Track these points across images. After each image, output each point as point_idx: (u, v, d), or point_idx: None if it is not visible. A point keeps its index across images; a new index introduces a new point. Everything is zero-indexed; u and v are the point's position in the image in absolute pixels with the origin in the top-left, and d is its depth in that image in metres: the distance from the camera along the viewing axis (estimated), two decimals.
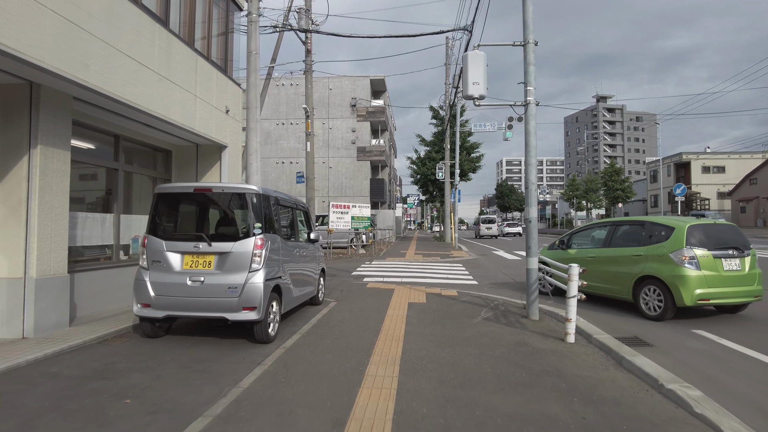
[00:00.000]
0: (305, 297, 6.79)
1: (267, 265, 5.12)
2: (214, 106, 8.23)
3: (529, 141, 6.72)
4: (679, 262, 6.48)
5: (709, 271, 6.46)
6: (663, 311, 6.58)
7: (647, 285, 6.83)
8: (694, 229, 6.73)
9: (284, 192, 6.79)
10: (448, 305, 7.56)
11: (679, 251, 6.53)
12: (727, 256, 6.64)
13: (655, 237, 6.99)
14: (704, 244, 6.61)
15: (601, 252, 7.84)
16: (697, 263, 6.44)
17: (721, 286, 6.51)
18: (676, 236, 6.68)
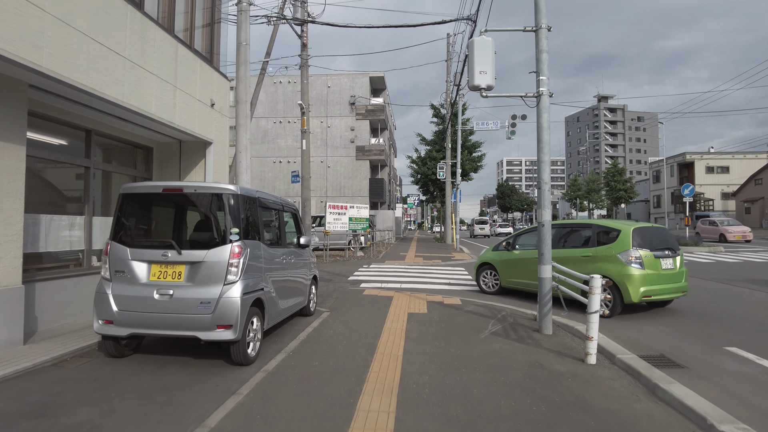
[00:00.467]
0: (294, 309, 6.14)
1: (246, 275, 4.48)
2: (197, 98, 7.59)
3: (542, 136, 6.08)
4: (626, 262, 6.97)
5: (651, 270, 7.04)
6: (612, 308, 6.95)
7: None
8: (638, 231, 7.29)
9: (270, 192, 6.17)
10: (452, 316, 6.92)
11: (627, 252, 7.02)
12: (664, 256, 7.30)
13: (604, 239, 7.46)
14: (646, 246, 7.18)
15: None
16: (641, 263, 6.98)
17: (661, 283, 7.13)
18: (623, 238, 7.17)
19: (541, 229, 6.03)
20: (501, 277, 9.11)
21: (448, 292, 9.39)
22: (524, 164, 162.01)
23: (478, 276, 9.63)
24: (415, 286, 10.28)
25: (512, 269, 8.85)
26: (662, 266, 7.20)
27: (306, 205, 14.72)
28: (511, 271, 8.88)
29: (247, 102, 9.65)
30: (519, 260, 8.67)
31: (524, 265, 8.48)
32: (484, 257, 9.68)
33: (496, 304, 7.91)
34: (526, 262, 8.37)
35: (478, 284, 9.60)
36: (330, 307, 7.60)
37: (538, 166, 6.12)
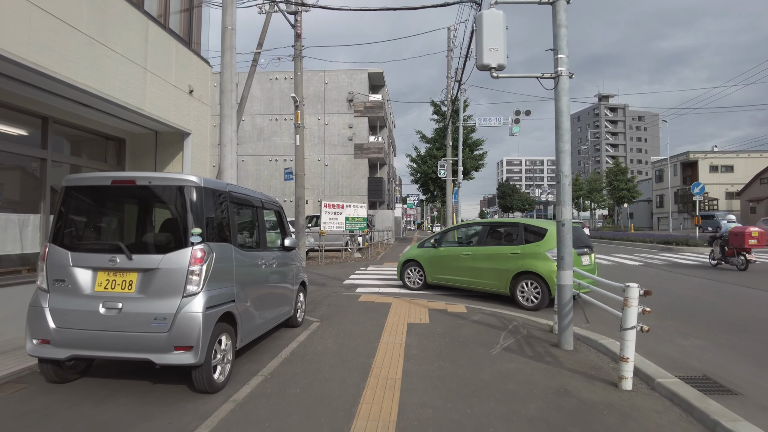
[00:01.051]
0: (277, 320, 5.37)
1: (211, 285, 3.70)
2: (172, 84, 6.81)
3: (561, 122, 5.30)
4: (552, 258, 7.15)
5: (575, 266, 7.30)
6: (540, 302, 7.42)
7: (524, 280, 7.63)
8: None
9: (266, 192, 5.39)
10: (457, 327, 6.14)
11: (554, 249, 6.94)
12: (584, 253, 7.78)
13: (532, 237, 7.83)
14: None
15: (477, 250, 8.39)
16: None
17: (581, 278, 7.45)
18: (550, 236, 7.48)
19: (560, 229, 5.25)
20: (427, 273, 9.28)
21: (451, 298, 8.61)
22: (524, 164, 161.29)
23: (402, 272, 9.68)
24: (416, 291, 9.49)
25: (438, 265, 9.06)
26: (583, 262, 7.66)
27: (300, 203, 13.94)
28: (437, 268, 9.09)
29: (233, 91, 8.88)
30: (445, 257, 8.95)
31: (450, 261, 8.82)
32: (409, 254, 9.76)
33: (504, 313, 7.13)
34: (452, 258, 8.78)
35: (402, 280, 9.70)
36: (321, 317, 6.82)
37: (557, 156, 5.33)
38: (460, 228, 9.84)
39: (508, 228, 8.59)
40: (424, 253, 9.42)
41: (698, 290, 9.45)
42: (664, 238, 22.26)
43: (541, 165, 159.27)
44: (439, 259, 9.06)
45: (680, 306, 7.78)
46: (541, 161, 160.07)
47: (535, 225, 8.06)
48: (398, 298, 8.38)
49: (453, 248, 9.02)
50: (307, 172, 29.94)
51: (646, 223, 57.16)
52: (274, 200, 5.63)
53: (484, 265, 8.19)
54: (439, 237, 9.49)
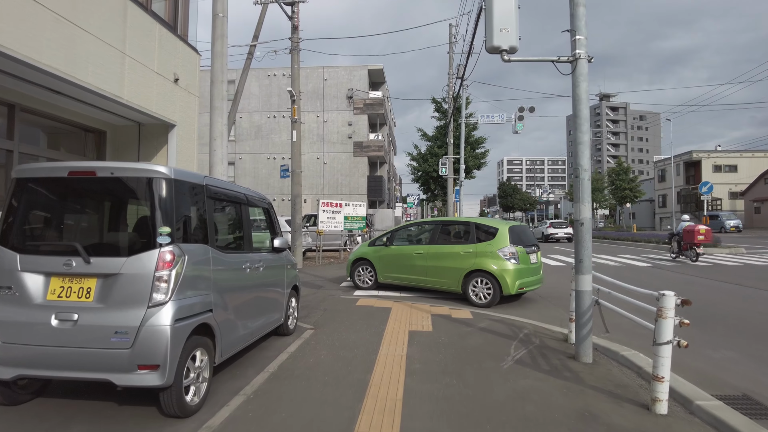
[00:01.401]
0: (265, 329, 4.85)
1: (183, 293, 3.19)
2: (155, 71, 6.30)
3: (580, 110, 4.79)
4: (504, 257, 7.57)
5: (524, 264, 7.77)
6: (491, 299, 7.58)
7: (476, 277, 7.75)
8: (512, 229, 8.00)
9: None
10: (463, 336, 5.63)
11: (505, 248, 7.64)
12: (531, 251, 8.13)
13: (483, 236, 7.97)
14: (519, 242, 7.92)
15: (429, 248, 8.41)
16: (517, 258, 7.66)
17: (530, 275, 7.94)
18: (501, 235, 7.77)
19: (579, 229, 4.73)
20: (378, 272, 9.13)
21: (455, 302, 8.10)
22: (525, 164, 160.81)
23: (352, 271, 9.54)
24: (416, 294, 8.97)
25: (390, 264, 8.95)
26: (531, 260, 8.02)
27: (296, 202, 13.44)
28: (388, 266, 8.98)
29: (224, 82, 8.40)
30: (397, 255, 8.86)
31: (402, 260, 8.74)
32: (359, 252, 9.61)
33: (514, 319, 6.62)
34: (404, 257, 8.71)
35: (352, 280, 9.57)
36: (315, 323, 6.31)
37: (575, 148, 4.82)
38: (411, 226, 9.79)
39: (460, 227, 8.71)
40: (375, 251, 9.24)
41: (717, 294, 8.94)
42: None
43: (541, 165, 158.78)
44: (391, 257, 8.96)
45: (702, 312, 7.26)
46: (541, 161, 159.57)
47: (486, 224, 8.26)
48: (398, 302, 7.87)
49: (405, 247, 8.97)
50: (305, 171, 29.42)
51: (648, 223, 56.67)
52: (262, 197, 5.11)
53: (436, 263, 8.24)
54: (391, 235, 9.33)
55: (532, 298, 8.71)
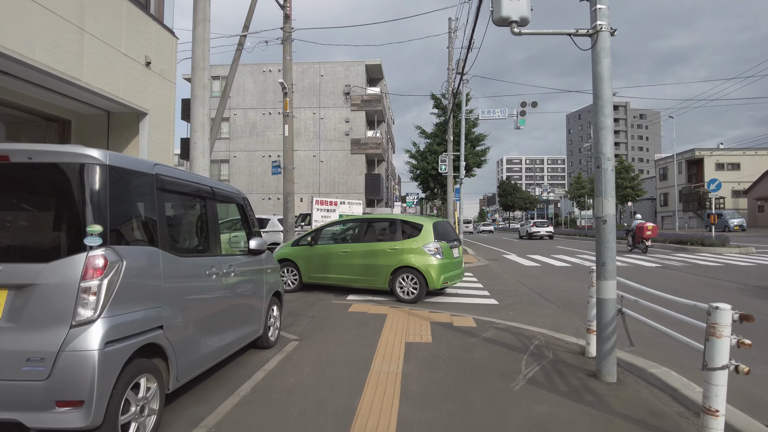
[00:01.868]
0: (238, 344, 4.21)
1: (119, 307, 2.56)
2: (122, 52, 5.65)
3: (602, 90, 4.15)
4: (430, 252, 7.72)
5: (447, 258, 8.00)
6: (418, 295, 7.70)
7: (403, 274, 7.82)
8: (435, 225, 8.15)
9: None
10: (467, 348, 4.99)
11: (430, 244, 7.78)
12: (454, 246, 8.45)
13: (408, 233, 8.06)
14: (443, 237, 8.13)
15: (355, 247, 8.38)
16: (441, 253, 7.82)
17: (453, 270, 8.21)
18: (426, 232, 7.91)
19: (601, 228, 4.10)
20: (302, 272, 8.89)
21: (456, 308, 7.47)
22: (524, 163, 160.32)
23: None
24: None
25: (315, 264, 8.78)
26: (454, 255, 8.32)
27: (289, 200, 12.80)
28: (313, 266, 8.81)
29: (205, 69, 7.79)
30: (322, 255, 8.71)
31: (327, 259, 8.61)
32: (281, 253, 9.27)
33: (521, 327, 5.98)
34: (329, 256, 8.57)
35: None
36: (301, 333, 5.67)
37: (597, 134, 4.18)
38: (336, 225, 9.65)
39: (385, 224, 8.75)
40: (298, 251, 9.02)
41: (741, 299, 8.32)
42: (677, 238, 21.17)
43: (541, 164, 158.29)
44: (316, 257, 8.79)
45: None
46: (541, 160, 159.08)
47: (411, 221, 8.34)
48: (395, 308, 7.22)
49: (330, 246, 8.82)
50: (302, 169, 28.78)
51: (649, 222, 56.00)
52: (235, 191, 4.45)
53: (362, 261, 8.20)
54: (315, 234, 9.15)
55: (538, 302, 8.09)
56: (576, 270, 12.84)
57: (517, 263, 15.06)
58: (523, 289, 9.57)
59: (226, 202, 4.20)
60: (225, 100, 13.27)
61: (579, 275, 11.64)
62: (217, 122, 13.16)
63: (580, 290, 9.26)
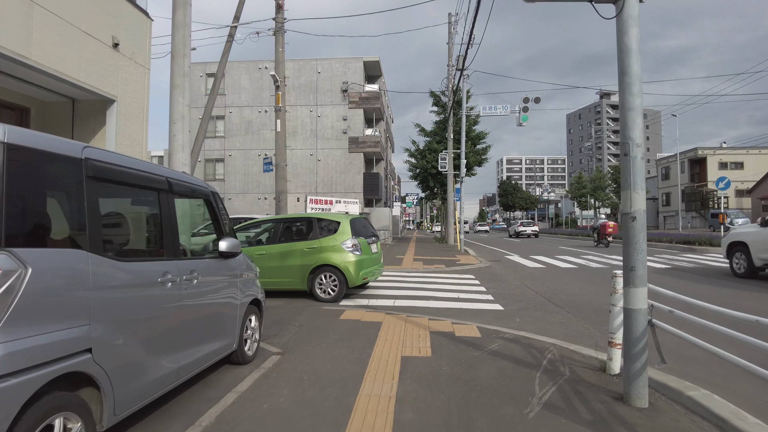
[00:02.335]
0: (203, 362, 3.59)
1: (21, 328, 1.96)
2: (82, 30, 5.06)
3: (628, 66, 3.55)
4: (348, 249, 7.69)
5: (366, 254, 8.01)
6: (338, 293, 7.63)
7: (322, 273, 7.73)
8: (353, 221, 8.14)
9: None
10: (471, 363, 4.39)
11: (347, 241, 7.75)
12: (372, 242, 8.47)
13: (326, 230, 7.97)
14: (360, 233, 8.12)
15: (271, 248, 8.15)
16: (359, 249, 7.82)
17: (372, 265, 8.27)
18: (343, 228, 7.85)
19: (630, 226, 3.49)
20: None
21: (458, 314, 6.87)
22: (524, 163, 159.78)
23: None
24: (412, 303, 7.75)
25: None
26: (372, 250, 8.37)
27: (281, 198, 12.20)
28: None
29: (186, 56, 7.23)
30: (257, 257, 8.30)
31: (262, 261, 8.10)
32: None
33: (531, 337, 5.38)
34: (263, 258, 8.09)
35: None
36: (284, 345, 5.06)
37: (624, 116, 3.57)
38: (251, 227, 9.27)
39: (301, 223, 8.63)
40: None
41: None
42: (684, 238, 20.59)
43: (541, 164, 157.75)
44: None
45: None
46: (541, 160, 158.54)
47: (328, 218, 8.28)
48: (391, 314, 6.62)
49: (244, 249, 8.46)
50: (298, 168, 28.17)
51: (651, 222, 55.46)
52: (201, 184, 3.83)
53: (280, 263, 7.98)
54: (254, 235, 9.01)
55: (546, 307, 7.49)
56: (582, 272, 12.25)
57: (521, 264, 14.46)
58: (528, 292, 8.96)
59: (188, 196, 3.60)
60: (214, 95, 12.68)
61: (586, 277, 11.05)
62: (206, 119, 12.57)
63: (589, 294, 8.67)
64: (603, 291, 8.88)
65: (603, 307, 7.35)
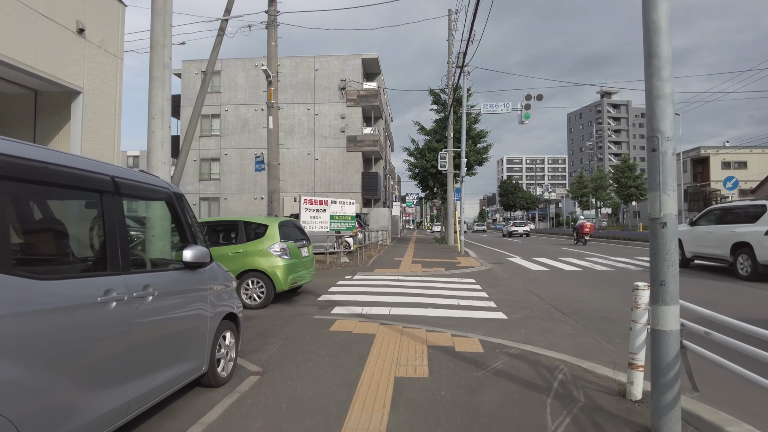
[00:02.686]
0: (162, 392, 3.09)
1: None
2: (40, 12, 4.56)
3: (658, 46, 3.05)
4: (276, 253, 7.47)
5: (295, 258, 7.85)
6: (265, 299, 7.40)
7: (248, 278, 7.49)
8: (282, 225, 7.91)
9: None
10: (473, 386, 3.89)
11: (275, 245, 7.52)
12: (303, 246, 8.35)
13: (253, 234, 7.73)
14: (289, 237, 7.98)
15: None
16: (288, 253, 7.63)
17: (302, 269, 8.12)
18: (271, 232, 7.64)
19: (659, 234, 2.98)
20: None
21: (459, 324, 6.37)
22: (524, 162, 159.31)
23: None
24: (410, 311, 7.25)
25: None
26: (302, 254, 8.22)
27: (273, 198, 11.72)
28: None
29: (166, 46, 6.76)
30: None
31: None
32: None
33: (539, 352, 4.88)
34: None
35: None
36: (266, 362, 4.56)
37: (651, 105, 3.07)
38: None
39: (226, 227, 8.39)
40: None
41: None
42: None
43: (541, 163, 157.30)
44: None
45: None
46: (541, 159, 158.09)
47: (255, 222, 8.03)
48: (386, 324, 6.12)
49: None
50: (296, 167, 27.68)
51: None
52: (159, 183, 3.30)
53: None
54: None
55: (553, 316, 6.99)
56: (588, 275, 11.75)
57: (523, 267, 13.97)
58: (533, 298, 8.47)
59: (144, 198, 3.10)
60: (204, 91, 12.19)
61: (592, 281, 10.55)
62: (196, 116, 12.07)
63: (596, 300, 8.18)
64: (611, 297, 8.39)
65: (613, 315, 6.86)
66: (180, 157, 12.23)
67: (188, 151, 11.92)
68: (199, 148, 28.09)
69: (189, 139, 12.03)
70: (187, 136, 12.10)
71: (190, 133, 12.03)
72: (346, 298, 8.37)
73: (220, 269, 3.99)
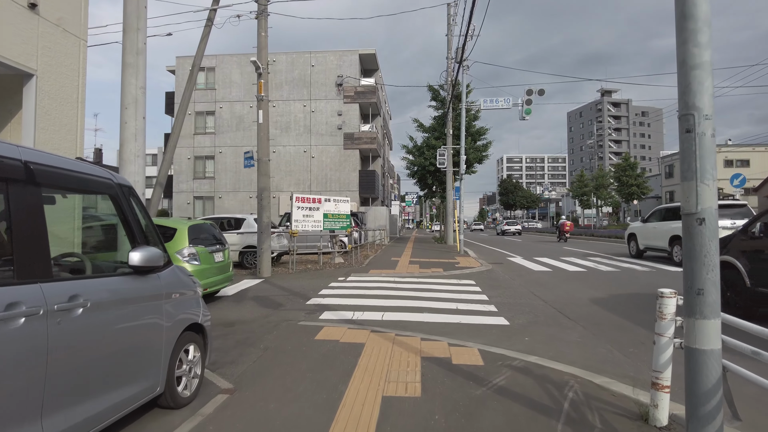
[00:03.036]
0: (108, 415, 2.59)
1: None
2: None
3: (695, 5, 2.57)
4: (183, 259, 7.21)
5: (206, 264, 7.59)
6: None
7: None
8: (193, 228, 7.67)
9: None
10: (471, 408, 3.38)
11: (183, 249, 7.27)
12: (216, 250, 8.07)
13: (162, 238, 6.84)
14: (201, 242, 7.75)
15: None
16: (198, 258, 7.39)
17: (215, 275, 7.83)
18: (180, 236, 7.37)
19: (696, 233, 2.48)
20: None
21: (457, 331, 5.86)
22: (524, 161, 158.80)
23: None
24: (404, 316, 6.74)
25: None
26: (215, 259, 7.87)
27: (264, 196, 11.20)
28: None
29: (140, 30, 6.32)
30: None
31: None
32: None
33: (545, 365, 4.37)
34: None
35: None
36: (239, 377, 4.05)
37: (686, 76, 2.57)
38: None
39: None
40: None
41: None
42: None
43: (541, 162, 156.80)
44: None
45: None
46: (541, 158, 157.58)
47: (163, 225, 7.66)
48: (377, 332, 5.61)
49: None
50: (291, 165, 27.15)
51: None
52: (98, 173, 2.78)
53: None
54: None
55: (558, 321, 6.48)
56: (592, 276, 11.25)
57: (525, 267, 13.45)
58: (536, 302, 7.96)
59: (74, 190, 2.59)
60: (192, 84, 11.67)
61: (597, 282, 10.05)
62: (183, 110, 11.55)
63: (604, 304, 7.66)
64: (619, 300, 7.89)
65: (623, 321, 6.35)
66: (166, 153, 11.72)
67: (175, 147, 11.41)
68: (193, 145, 27.56)
69: (176, 134, 11.52)
70: (174, 130, 11.59)
71: (177, 127, 11.52)
72: (337, 301, 7.86)
73: (182, 273, 3.48)
